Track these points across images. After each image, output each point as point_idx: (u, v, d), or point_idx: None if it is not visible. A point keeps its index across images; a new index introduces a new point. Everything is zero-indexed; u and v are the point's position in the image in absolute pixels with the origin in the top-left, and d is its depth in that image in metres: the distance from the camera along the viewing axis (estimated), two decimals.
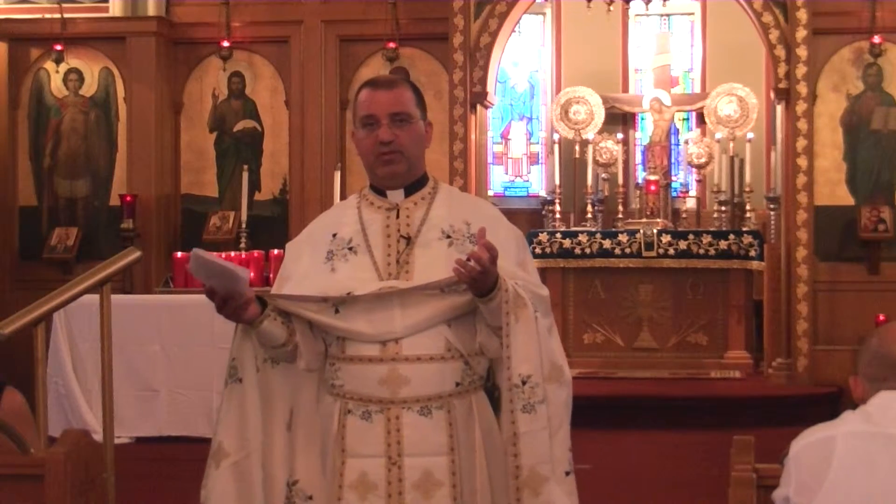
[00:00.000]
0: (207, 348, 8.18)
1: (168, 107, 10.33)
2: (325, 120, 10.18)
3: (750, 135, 10.88)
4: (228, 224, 10.11)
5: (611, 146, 11.37)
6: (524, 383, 2.97)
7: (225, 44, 10.19)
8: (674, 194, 11.44)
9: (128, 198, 9.89)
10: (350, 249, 3.11)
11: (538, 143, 12.44)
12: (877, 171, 9.75)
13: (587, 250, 10.29)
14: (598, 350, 10.22)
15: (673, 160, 11.50)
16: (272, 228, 10.12)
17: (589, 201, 11.05)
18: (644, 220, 10.77)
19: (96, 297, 4.70)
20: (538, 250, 10.14)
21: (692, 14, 12.32)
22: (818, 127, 9.70)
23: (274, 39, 10.31)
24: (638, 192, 11.24)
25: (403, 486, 3.00)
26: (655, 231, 10.31)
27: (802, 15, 9.49)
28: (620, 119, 11.97)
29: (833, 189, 9.75)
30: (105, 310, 4.67)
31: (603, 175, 11.39)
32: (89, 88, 10.26)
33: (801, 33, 9.50)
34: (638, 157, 11.92)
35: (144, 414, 8.21)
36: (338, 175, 9.51)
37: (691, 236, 10.25)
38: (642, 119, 11.96)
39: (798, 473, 2.66)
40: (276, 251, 9.50)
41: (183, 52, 10.41)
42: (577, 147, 11.31)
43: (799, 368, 9.42)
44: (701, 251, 10.17)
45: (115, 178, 10.19)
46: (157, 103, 10.14)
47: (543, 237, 10.37)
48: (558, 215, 11.06)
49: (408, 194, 3.15)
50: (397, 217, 3.12)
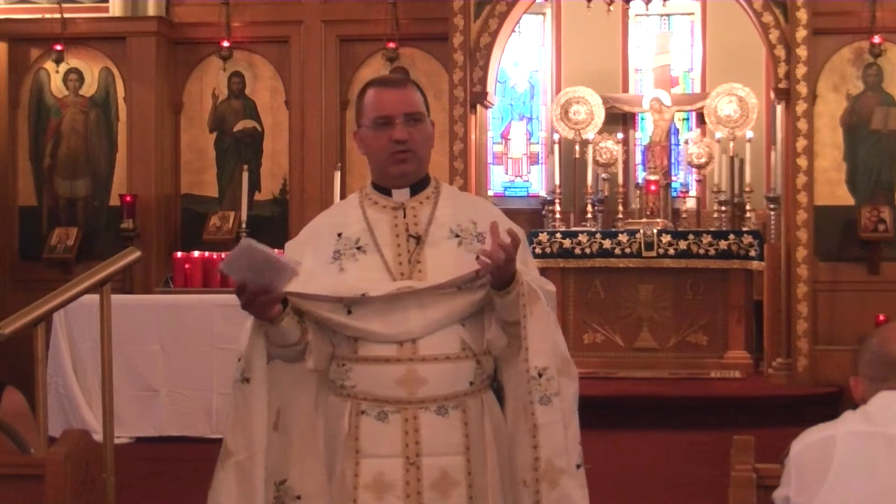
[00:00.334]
0: (207, 348, 8.19)
1: (168, 107, 10.33)
2: (325, 120, 10.18)
3: (750, 135, 10.87)
4: (228, 224, 10.11)
5: (611, 146, 11.37)
6: (540, 375, 2.98)
7: (225, 44, 10.19)
8: (674, 194, 11.43)
9: (128, 198, 9.89)
10: (359, 249, 3.09)
11: (538, 143, 12.43)
12: (877, 171, 9.75)
13: (587, 250, 10.29)
14: (598, 350, 10.22)
15: (673, 160, 11.50)
16: (272, 228, 10.12)
17: (589, 201, 11.04)
18: (644, 220, 10.77)
19: (96, 297, 4.70)
20: (538, 250, 10.13)
21: (692, 14, 12.31)
22: (818, 127, 9.70)
23: (274, 39, 10.32)
24: (638, 192, 11.24)
25: (421, 486, 2.99)
26: (655, 231, 10.31)
27: (802, 15, 9.49)
28: (620, 119, 11.96)
29: (833, 189, 9.75)
30: (105, 310, 4.67)
31: (603, 175, 11.39)
32: (89, 88, 10.26)
33: (801, 33, 9.50)
34: (638, 157, 11.91)
35: (144, 414, 8.21)
36: (338, 175, 9.51)
37: (691, 236, 10.25)
38: (642, 119, 11.95)
39: (798, 473, 2.66)
40: (276, 251, 9.47)
41: (183, 52, 10.41)
42: (577, 147, 11.31)
43: (799, 368, 9.42)
44: (701, 251, 10.17)
45: (115, 178, 10.19)
46: (157, 103, 10.14)
47: (543, 237, 10.37)
48: (558, 215, 11.06)
49: (413, 193, 3.14)
50: (404, 216, 3.11)
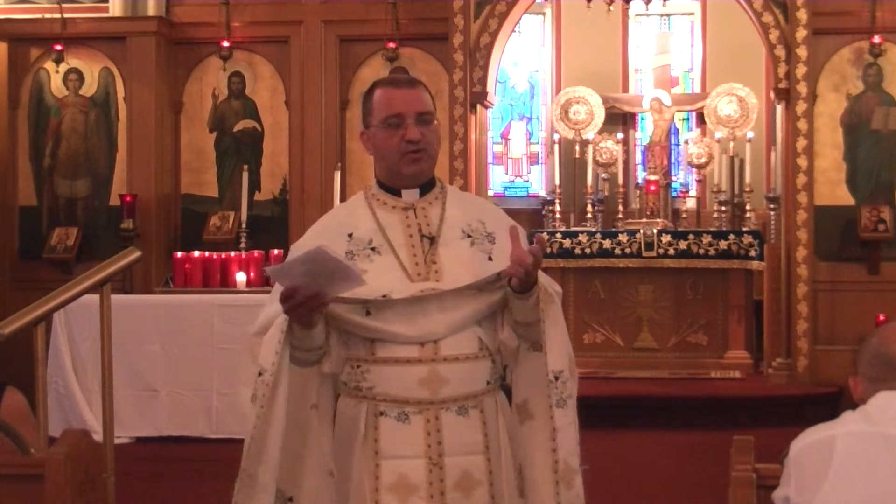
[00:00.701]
0: (207, 348, 8.20)
1: (168, 107, 10.33)
2: (325, 120, 10.18)
3: (750, 135, 10.87)
4: (228, 224, 10.11)
5: (611, 146, 11.36)
6: (557, 378, 2.99)
7: (225, 44, 10.19)
8: (674, 194, 11.43)
9: (128, 198, 9.89)
10: (373, 250, 3.06)
11: (538, 143, 12.43)
12: (877, 171, 9.75)
13: (587, 250, 10.29)
14: (598, 350, 10.22)
15: (673, 160, 11.50)
16: (272, 228, 10.12)
17: (589, 201, 11.04)
18: (644, 220, 10.77)
19: (96, 297, 4.70)
20: None
21: (692, 14, 12.31)
22: (818, 127, 9.70)
23: (274, 39, 10.32)
24: (638, 192, 11.23)
25: (445, 487, 2.99)
26: (655, 231, 10.30)
27: (802, 15, 9.49)
28: (620, 119, 11.96)
29: (833, 189, 9.75)
30: (105, 310, 4.67)
31: (603, 175, 11.38)
32: (89, 88, 10.26)
33: (801, 33, 9.50)
34: (638, 157, 11.91)
35: (144, 414, 8.21)
36: (338, 175, 9.50)
37: (691, 236, 10.25)
38: (642, 119, 11.95)
39: (798, 473, 2.66)
40: (276, 251, 9.50)
41: (183, 52, 10.40)
42: (577, 147, 11.30)
43: (799, 368, 9.42)
44: (701, 251, 10.17)
45: (115, 178, 10.19)
46: (157, 103, 10.14)
47: (543, 237, 10.36)
48: (558, 215, 11.05)
49: (422, 193, 3.13)
50: (415, 216, 3.10)
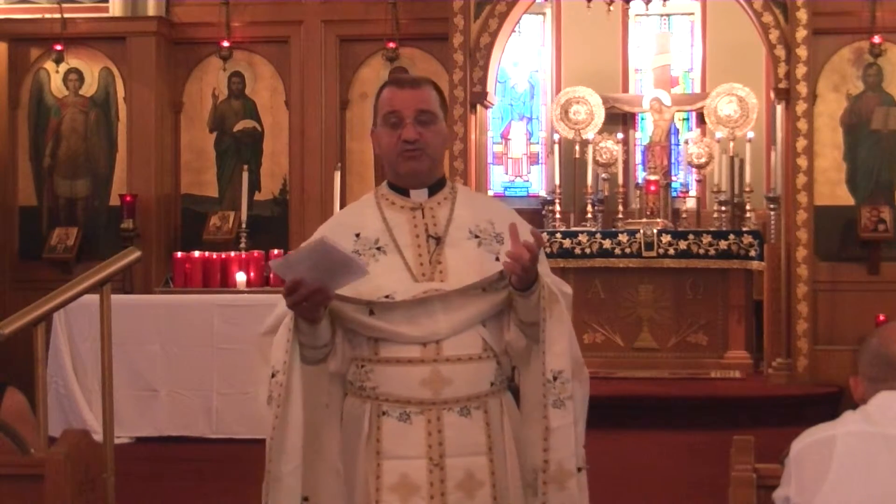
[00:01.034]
0: (207, 348, 8.20)
1: (168, 107, 10.33)
2: (325, 120, 10.18)
3: (750, 135, 10.86)
4: (228, 224, 10.11)
5: (611, 146, 11.36)
6: (556, 378, 2.98)
7: (225, 44, 10.20)
8: (674, 194, 11.42)
9: (128, 198, 9.89)
10: (378, 249, 3.06)
11: (538, 143, 12.42)
12: (877, 171, 9.75)
13: (587, 250, 10.29)
14: (598, 350, 10.21)
15: (673, 160, 11.49)
16: (272, 228, 10.13)
17: (589, 201, 11.04)
18: (644, 220, 10.77)
19: (96, 297, 4.70)
20: None
21: (692, 14, 12.31)
22: (818, 127, 9.70)
23: (274, 39, 10.32)
24: (638, 192, 11.23)
25: (446, 487, 2.98)
26: (655, 231, 10.30)
27: (802, 15, 9.49)
28: (620, 119, 11.95)
29: (833, 189, 9.75)
30: (105, 310, 4.67)
31: (603, 175, 11.38)
32: (89, 88, 10.26)
33: (801, 33, 9.50)
34: (638, 157, 11.90)
35: (144, 414, 8.21)
36: (338, 175, 9.50)
37: (691, 236, 10.25)
38: (642, 119, 11.94)
39: (798, 473, 2.66)
40: (276, 251, 9.50)
41: (183, 52, 10.41)
42: (577, 147, 11.30)
43: (799, 368, 9.42)
44: (701, 251, 10.17)
45: (115, 178, 10.19)
46: (157, 103, 10.14)
47: (543, 237, 10.35)
48: (558, 215, 11.05)
49: (430, 194, 3.13)
50: (423, 217, 3.10)
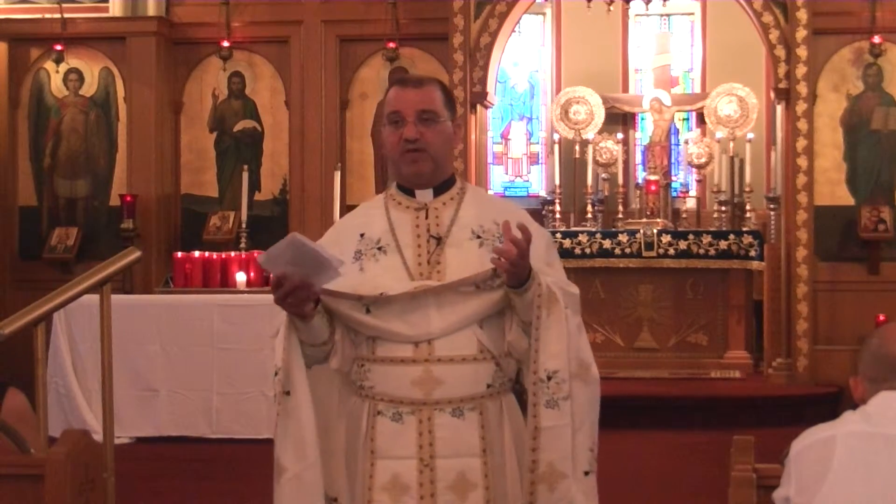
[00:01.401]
0: (207, 348, 8.20)
1: (168, 107, 10.33)
2: (325, 120, 10.18)
3: (750, 135, 10.86)
4: (228, 224, 10.12)
5: (611, 146, 11.36)
6: (550, 378, 2.95)
7: (225, 44, 10.20)
8: (674, 194, 11.42)
9: (128, 198, 9.89)
10: (379, 249, 3.06)
11: (538, 143, 12.43)
12: (877, 171, 9.76)
13: (587, 250, 10.29)
14: (598, 350, 10.09)
15: (673, 160, 11.49)
16: (272, 228, 10.11)
17: (589, 201, 11.03)
18: (644, 220, 10.77)
19: (96, 297, 4.69)
20: None
21: (692, 14, 12.31)
22: (818, 127, 9.70)
23: (274, 39, 10.32)
24: (638, 192, 11.23)
25: (436, 488, 2.97)
26: (655, 231, 10.30)
27: (802, 15, 9.49)
28: (620, 119, 11.95)
29: (833, 189, 9.75)
30: (105, 310, 4.66)
31: (603, 175, 11.38)
32: (89, 88, 10.27)
33: (801, 33, 9.50)
34: (638, 157, 11.91)
35: (144, 414, 8.21)
36: (338, 175, 9.51)
37: (691, 236, 10.25)
38: (642, 119, 11.95)
39: (798, 474, 2.66)
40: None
41: (183, 52, 10.41)
42: (577, 147, 11.30)
43: (799, 368, 9.43)
44: (701, 251, 10.16)
45: (115, 178, 10.19)
46: (157, 103, 10.15)
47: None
48: (558, 215, 11.05)
49: (436, 194, 3.11)
50: (426, 217, 3.09)
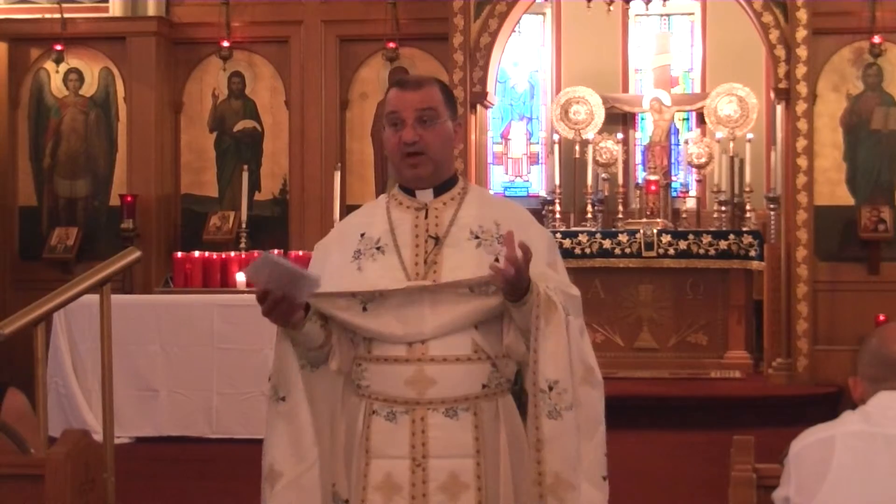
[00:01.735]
0: (207, 348, 8.20)
1: (168, 107, 10.33)
2: (325, 120, 10.18)
3: (750, 135, 10.86)
4: (228, 224, 10.11)
5: (611, 146, 11.36)
6: (551, 389, 2.92)
7: (225, 44, 10.20)
8: (674, 194, 11.42)
9: (128, 198, 9.89)
10: (378, 249, 3.07)
11: (538, 143, 12.42)
12: (877, 171, 9.76)
13: (587, 250, 10.29)
14: (598, 350, 9.97)
15: (673, 160, 11.49)
16: (272, 228, 10.13)
17: (589, 201, 11.03)
18: (644, 220, 10.76)
19: (96, 297, 4.70)
20: None
21: (692, 14, 12.31)
22: (818, 127, 9.70)
23: (274, 39, 10.32)
24: (638, 192, 11.23)
25: (428, 489, 2.97)
26: (655, 231, 10.30)
27: (802, 15, 9.49)
28: (620, 119, 11.95)
29: (833, 189, 9.75)
30: (105, 310, 4.67)
31: (603, 175, 11.38)
32: (89, 88, 10.26)
33: (801, 33, 9.50)
34: (638, 157, 11.90)
35: (144, 414, 8.21)
36: (338, 175, 9.51)
37: (691, 236, 10.25)
38: (642, 119, 11.94)
39: (798, 473, 2.66)
40: (276, 251, 9.49)
41: (183, 52, 10.41)
42: (577, 147, 11.29)
43: (799, 368, 9.43)
44: (701, 251, 10.16)
45: (115, 178, 10.19)
46: (157, 103, 10.14)
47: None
48: (558, 215, 11.04)
49: (437, 194, 3.11)
50: (426, 217, 3.09)
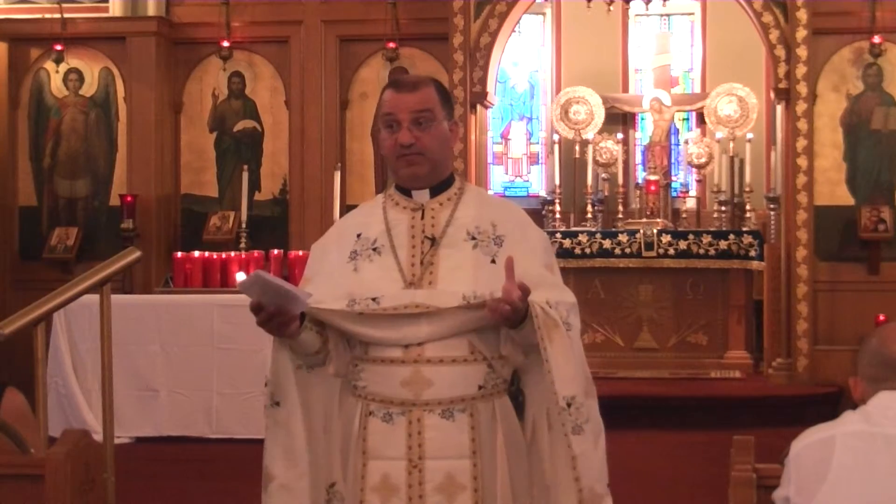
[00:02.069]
0: (207, 348, 8.20)
1: (168, 107, 10.33)
2: (325, 120, 10.18)
3: (750, 135, 10.86)
4: (228, 224, 10.11)
5: (611, 146, 11.36)
6: (569, 405, 2.94)
7: (225, 44, 10.20)
8: (674, 194, 11.41)
9: (128, 198, 9.89)
10: (374, 250, 3.07)
11: (538, 143, 12.42)
12: (877, 171, 9.76)
13: (587, 250, 10.28)
14: (598, 350, 10.20)
15: (673, 160, 11.49)
16: (272, 228, 10.13)
17: (589, 201, 11.03)
18: (644, 220, 10.76)
19: (96, 297, 4.70)
20: None
21: (692, 14, 12.30)
22: (818, 127, 9.70)
23: (274, 39, 10.32)
24: (638, 192, 11.23)
25: (424, 490, 2.98)
26: (655, 231, 10.30)
27: (802, 15, 9.49)
28: (620, 119, 11.95)
29: (833, 189, 9.75)
30: (105, 310, 4.67)
31: (603, 175, 11.37)
32: (89, 88, 10.26)
33: (801, 33, 9.50)
34: (638, 157, 11.90)
35: (144, 414, 8.21)
36: (338, 175, 9.50)
37: (691, 236, 10.24)
38: (642, 119, 11.94)
39: (798, 474, 2.66)
40: (276, 251, 9.50)
41: (183, 52, 10.41)
42: (577, 147, 11.29)
43: (799, 368, 9.42)
44: (701, 251, 10.16)
45: (115, 178, 10.19)
46: (157, 103, 10.14)
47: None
48: (558, 215, 11.04)
49: (434, 195, 3.11)
50: (422, 218, 3.09)
